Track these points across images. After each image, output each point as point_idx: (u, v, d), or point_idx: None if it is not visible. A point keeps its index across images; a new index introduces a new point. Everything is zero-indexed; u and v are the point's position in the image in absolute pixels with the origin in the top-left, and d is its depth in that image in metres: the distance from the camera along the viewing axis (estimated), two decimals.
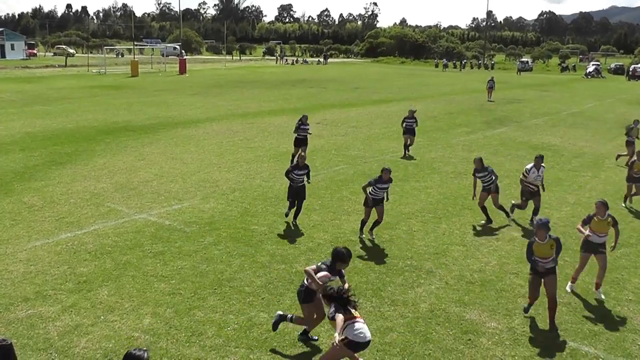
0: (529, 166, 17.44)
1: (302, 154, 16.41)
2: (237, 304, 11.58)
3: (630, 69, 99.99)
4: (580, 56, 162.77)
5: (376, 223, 15.66)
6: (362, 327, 8.65)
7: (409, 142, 26.03)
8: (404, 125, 26.05)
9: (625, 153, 26.07)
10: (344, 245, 10.42)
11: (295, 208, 16.36)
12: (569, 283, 13.13)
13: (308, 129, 23.35)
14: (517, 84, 72.75)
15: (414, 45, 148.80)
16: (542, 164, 17.38)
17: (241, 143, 27.08)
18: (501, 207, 17.64)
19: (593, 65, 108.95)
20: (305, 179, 16.32)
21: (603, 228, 12.61)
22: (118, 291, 11.92)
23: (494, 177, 17.27)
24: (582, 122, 39.26)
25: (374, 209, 15.56)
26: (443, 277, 13.30)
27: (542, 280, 11.33)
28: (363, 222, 15.70)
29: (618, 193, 21.47)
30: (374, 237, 15.54)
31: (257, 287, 12.35)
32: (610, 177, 23.92)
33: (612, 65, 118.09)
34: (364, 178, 20.86)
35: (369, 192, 15.32)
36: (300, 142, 23.08)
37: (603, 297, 12.74)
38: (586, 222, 12.78)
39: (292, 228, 15.96)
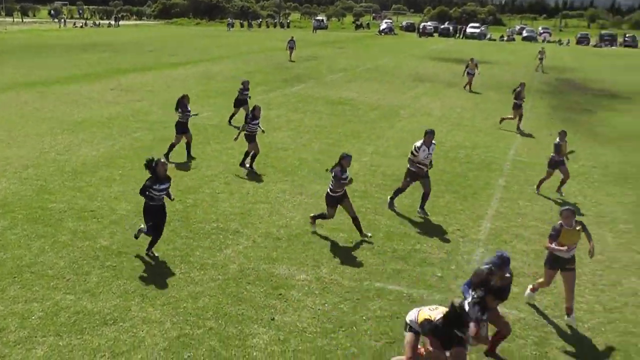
0: (418, 143, 15.29)
1: (163, 159, 12.16)
2: (41, 289, 10.86)
3: (421, 27, 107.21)
4: (374, 14, 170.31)
5: (355, 221, 13.70)
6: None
7: (235, 113, 24.75)
8: (238, 96, 24.67)
9: (511, 116, 26.61)
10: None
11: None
12: (528, 291, 11.44)
13: (189, 112, 19.49)
14: (314, 42, 74.38)
15: (208, 5, 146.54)
16: (433, 141, 15.38)
17: (31, 115, 25.31)
18: (245, 158, 18.27)
19: (386, 23, 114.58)
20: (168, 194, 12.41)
21: (574, 238, 10.67)
22: None
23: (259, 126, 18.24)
24: (377, 77, 41.04)
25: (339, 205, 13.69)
26: (250, 236, 13.41)
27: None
28: (322, 216, 13.86)
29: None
30: (370, 234, 13.85)
31: (61, 268, 11.66)
32: (405, 127, 25.32)
33: (404, 23, 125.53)
34: (164, 143, 20.40)
35: (331, 189, 13.41)
36: (184, 128, 19.43)
37: (575, 323, 10.82)
38: (554, 236, 10.64)
39: (94, 202, 15.24)
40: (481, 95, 35.68)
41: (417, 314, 8.19)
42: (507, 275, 9.12)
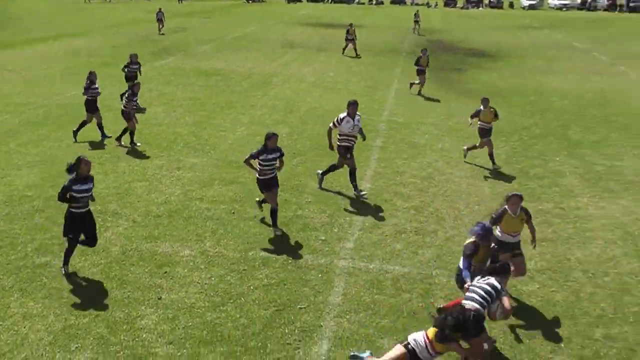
0: (342, 115, 14.31)
1: (86, 158, 10.59)
2: None
3: None
4: None
5: (273, 214, 12.56)
6: None
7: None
8: (126, 70, 23.44)
9: (417, 82, 26.56)
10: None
11: (82, 241, 10.91)
12: None
13: (98, 89, 18.83)
14: (180, 13, 72.50)
15: None
16: (358, 113, 14.48)
17: None
18: (125, 134, 17.96)
19: None
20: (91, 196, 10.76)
21: (516, 226, 10.18)
22: None
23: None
24: (247, 45, 40.63)
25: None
26: (130, 216, 13.08)
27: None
28: (273, 211, 12.56)
29: (287, 107, 22.88)
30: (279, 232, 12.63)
31: None
32: (278, 94, 25.33)
33: None
34: (31, 127, 19.55)
35: (258, 172, 12.33)
36: (94, 106, 18.60)
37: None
38: (496, 220, 10.12)
39: None
40: (354, 59, 36.12)
41: (424, 333, 8.02)
42: (493, 245, 9.52)
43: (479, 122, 17.01)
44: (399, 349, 8.04)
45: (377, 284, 10.78)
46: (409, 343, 8.01)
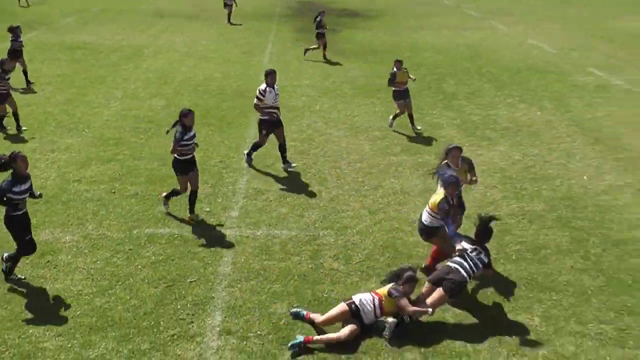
0: (262, 87, 13.82)
1: (21, 154, 9.61)
2: None
3: None
4: None
5: (193, 195, 12.01)
6: None
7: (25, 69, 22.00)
8: (13, 46, 21.69)
9: (316, 46, 26.16)
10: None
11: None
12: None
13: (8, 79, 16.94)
14: None
15: None
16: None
17: None
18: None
19: None
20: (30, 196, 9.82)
21: (461, 178, 10.06)
22: None
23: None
24: (114, 17, 39.12)
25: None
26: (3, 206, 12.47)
27: None
28: (175, 193, 12.11)
29: (161, 79, 22.38)
30: (200, 217, 12.07)
31: None
32: (150, 66, 24.68)
33: None
34: None
35: (178, 154, 11.66)
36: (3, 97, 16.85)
37: None
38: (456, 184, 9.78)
39: None
40: (227, 26, 35.54)
41: (373, 292, 8.75)
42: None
43: (394, 88, 16.73)
44: (341, 307, 8.61)
45: (265, 250, 10.89)
46: (353, 302, 8.57)
